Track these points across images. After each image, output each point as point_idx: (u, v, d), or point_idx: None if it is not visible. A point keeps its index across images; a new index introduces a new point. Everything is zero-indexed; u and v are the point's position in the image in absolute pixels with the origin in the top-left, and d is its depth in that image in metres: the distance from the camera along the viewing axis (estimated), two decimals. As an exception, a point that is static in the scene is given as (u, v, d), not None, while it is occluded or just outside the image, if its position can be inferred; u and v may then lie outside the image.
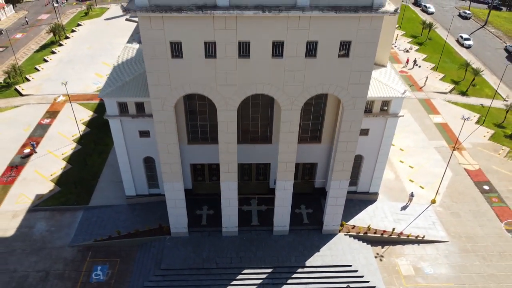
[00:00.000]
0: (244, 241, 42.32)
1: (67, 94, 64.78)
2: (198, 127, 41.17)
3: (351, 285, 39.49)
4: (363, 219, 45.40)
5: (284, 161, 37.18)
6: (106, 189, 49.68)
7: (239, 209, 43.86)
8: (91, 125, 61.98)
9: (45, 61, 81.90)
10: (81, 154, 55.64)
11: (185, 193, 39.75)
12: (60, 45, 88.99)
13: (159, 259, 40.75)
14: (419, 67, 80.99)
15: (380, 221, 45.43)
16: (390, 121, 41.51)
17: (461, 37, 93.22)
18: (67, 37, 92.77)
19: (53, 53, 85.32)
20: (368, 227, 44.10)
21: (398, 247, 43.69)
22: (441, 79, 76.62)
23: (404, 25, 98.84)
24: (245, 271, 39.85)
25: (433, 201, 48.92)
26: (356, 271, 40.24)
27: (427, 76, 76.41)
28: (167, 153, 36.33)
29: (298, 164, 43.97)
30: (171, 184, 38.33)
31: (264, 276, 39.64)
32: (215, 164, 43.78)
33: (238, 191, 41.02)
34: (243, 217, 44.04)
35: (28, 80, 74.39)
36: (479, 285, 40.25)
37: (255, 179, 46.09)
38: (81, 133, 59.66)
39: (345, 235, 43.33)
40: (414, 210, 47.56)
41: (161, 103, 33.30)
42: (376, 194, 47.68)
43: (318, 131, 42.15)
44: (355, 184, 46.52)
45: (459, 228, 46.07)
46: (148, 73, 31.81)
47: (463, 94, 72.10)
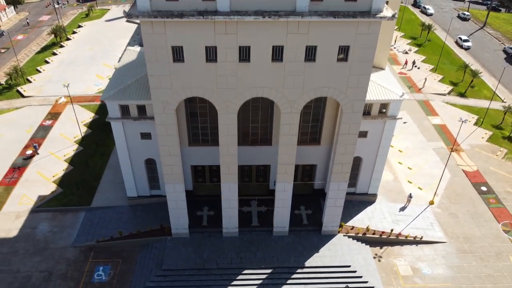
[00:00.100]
0: (244, 241, 42.77)
1: (68, 96, 65.13)
2: (199, 129, 41.62)
3: (350, 285, 39.90)
4: (362, 220, 45.83)
5: (283, 163, 37.62)
6: (107, 190, 50.10)
7: (239, 210, 44.28)
8: (92, 126, 62.40)
9: (47, 62, 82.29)
10: (82, 155, 56.04)
11: (186, 194, 40.19)
12: (61, 46, 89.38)
13: (160, 260, 41.21)
14: (418, 68, 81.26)
15: (379, 222, 45.89)
16: (389, 123, 41.96)
17: (460, 38, 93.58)
18: (68, 39, 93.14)
19: (54, 54, 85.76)
20: (367, 228, 44.55)
21: (397, 247, 44.15)
22: (440, 81, 76.90)
23: (403, 26, 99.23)
24: (245, 271, 40.32)
25: (431, 202, 49.34)
26: (355, 271, 40.69)
27: (426, 78, 76.62)
28: (168, 155, 36.80)
29: (298, 165, 44.37)
30: (172, 185, 38.78)
31: (264, 276, 40.11)
32: (215, 166, 44.12)
33: (238, 192, 41.40)
34: (243, 218, 44.50)
35: (29, 81, 74.80)
36: (476, 285, 40.71)
37: (255, 180, 46.55)
38: (82, 135, 60.10)
39: (344, 236, 43.77)
40: (413, 211, 47.99)
41: (162, 106, 33.76)
42: (375, 195, 48.10)
43: (318, 133, 42.58)
44: (354, 186, 46.93)
45: (456, 229, 46.50)
46: (150, 77, 32.30)
47: (462, 95, 72.41)
